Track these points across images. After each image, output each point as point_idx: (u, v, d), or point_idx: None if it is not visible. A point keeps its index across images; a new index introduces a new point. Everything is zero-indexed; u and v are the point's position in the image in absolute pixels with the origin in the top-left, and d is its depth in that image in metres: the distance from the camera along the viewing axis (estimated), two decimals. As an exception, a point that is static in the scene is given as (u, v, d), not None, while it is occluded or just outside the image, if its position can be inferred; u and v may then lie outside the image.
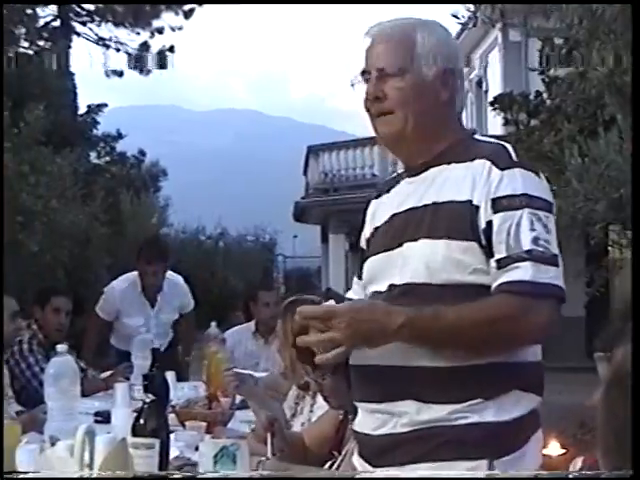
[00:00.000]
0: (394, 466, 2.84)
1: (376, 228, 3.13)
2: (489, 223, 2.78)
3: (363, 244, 3.23)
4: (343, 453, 3.74)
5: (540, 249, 2.74)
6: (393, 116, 2.97)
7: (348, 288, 3.35)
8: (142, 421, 2.93)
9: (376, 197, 3.26)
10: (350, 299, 3.20)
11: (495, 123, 17.58)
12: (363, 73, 3.01)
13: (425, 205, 2.92)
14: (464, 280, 2.79)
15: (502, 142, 3.02)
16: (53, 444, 3.55)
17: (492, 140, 3.08)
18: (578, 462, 2.18)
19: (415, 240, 2.89)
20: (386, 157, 20.55)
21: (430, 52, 2.97)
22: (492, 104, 15.57)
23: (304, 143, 27.48)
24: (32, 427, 3.69)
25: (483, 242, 2.79)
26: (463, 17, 13.77)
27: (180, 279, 8.16)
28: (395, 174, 3.28)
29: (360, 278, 3.23)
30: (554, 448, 6.39)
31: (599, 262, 11.68)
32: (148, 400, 2.93)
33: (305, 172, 26.91)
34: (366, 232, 3.22)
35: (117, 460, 3.04)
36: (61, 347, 4.15)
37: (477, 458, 2.76)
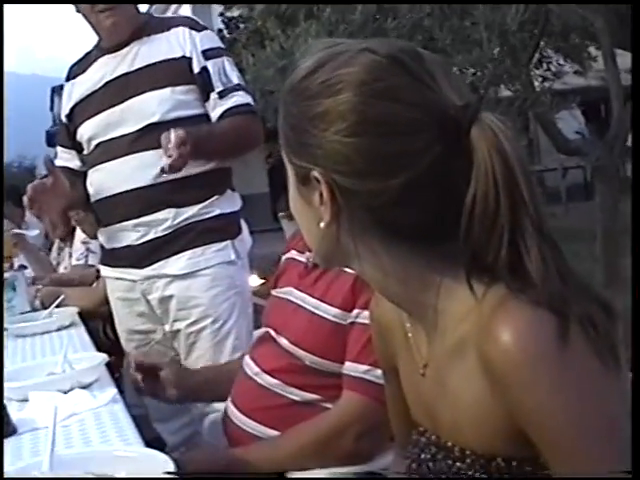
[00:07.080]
0: (161, 261, 2.66)
1: (83, 99, 2.77)
2: (204, 68, 2.65)
3: (64, 119, 2.85)
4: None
5: (242, 83, 2.72)
6: (118, 9, 2.65)
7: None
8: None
9: (68, 79, 2.88)
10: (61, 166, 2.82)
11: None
12: None
13: (139, 68, 2.68)
14: (190, 113, 2.61)
15: (185, 15, 2.94)
16: None
17: (176, 15, 2.82)
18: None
19: (140, 94, 2.65)
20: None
21: None
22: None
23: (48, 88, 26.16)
24: None
25: (199, 83, 2.66)
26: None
27: None
28: (79, 60, 2.89)
29: (65, 146, 2.87)
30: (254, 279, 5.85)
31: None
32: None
33: (52, 108, 25.55)
34: (66, 107, 2.83)
35: None
36: None
37: (223, 240, 2.67)
